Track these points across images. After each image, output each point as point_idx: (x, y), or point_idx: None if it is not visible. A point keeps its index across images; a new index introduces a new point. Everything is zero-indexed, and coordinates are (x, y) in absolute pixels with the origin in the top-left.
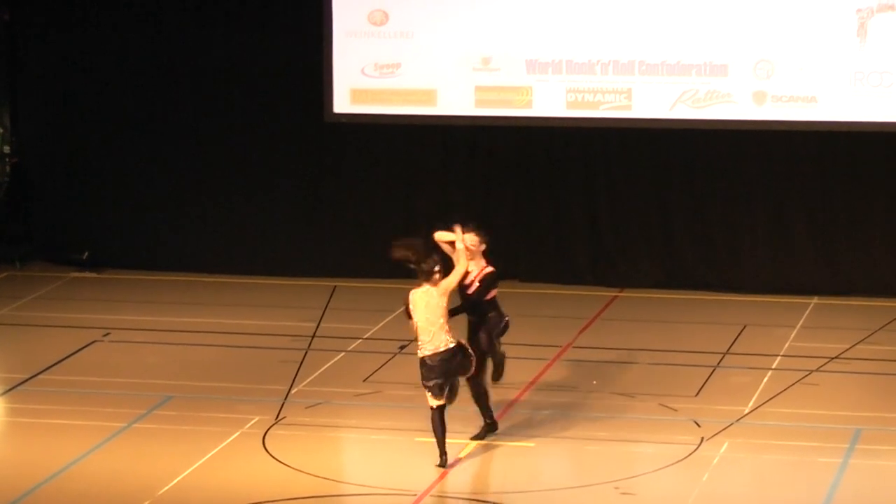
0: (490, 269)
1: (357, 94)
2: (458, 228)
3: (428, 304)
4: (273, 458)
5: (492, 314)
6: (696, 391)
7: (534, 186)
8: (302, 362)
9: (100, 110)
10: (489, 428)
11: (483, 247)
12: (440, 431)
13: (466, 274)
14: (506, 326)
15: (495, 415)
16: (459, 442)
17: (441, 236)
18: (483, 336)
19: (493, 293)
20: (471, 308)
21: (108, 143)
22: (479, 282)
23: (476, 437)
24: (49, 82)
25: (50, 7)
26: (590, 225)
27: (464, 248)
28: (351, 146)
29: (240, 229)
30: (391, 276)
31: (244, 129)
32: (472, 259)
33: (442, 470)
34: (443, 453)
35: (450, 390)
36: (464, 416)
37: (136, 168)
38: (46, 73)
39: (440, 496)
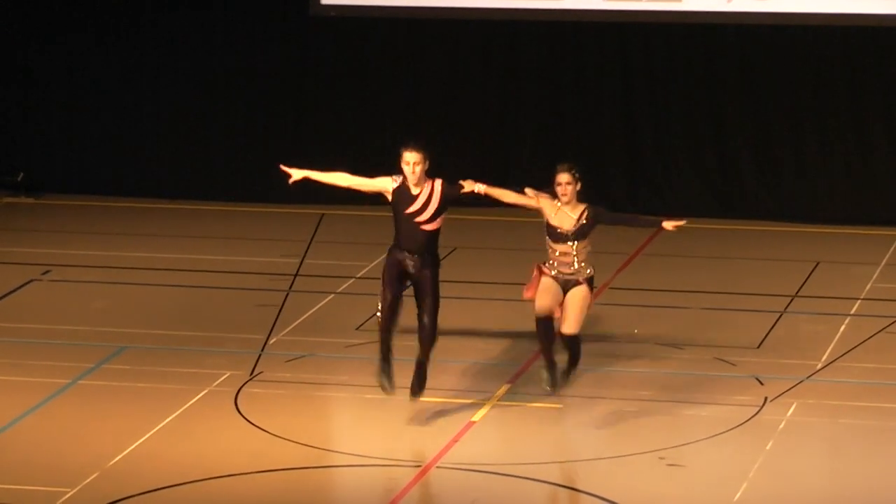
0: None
1: None
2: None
3: None
4: (247, 421)
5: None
6: (759, 342)
7: (560, 93)
8: (282, 307)
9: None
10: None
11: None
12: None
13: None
14: None
15: (515, 371)
16: (473, 402)
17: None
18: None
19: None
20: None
21: (48, 42)
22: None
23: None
24: None
25: None
26: (628, 140)
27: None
28: (340, 44)
29: (205, 145)
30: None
31: (211, 25)
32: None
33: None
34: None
35: None
36: (481, 371)
37: (81, 70)
38: None
39: (449, 468)
